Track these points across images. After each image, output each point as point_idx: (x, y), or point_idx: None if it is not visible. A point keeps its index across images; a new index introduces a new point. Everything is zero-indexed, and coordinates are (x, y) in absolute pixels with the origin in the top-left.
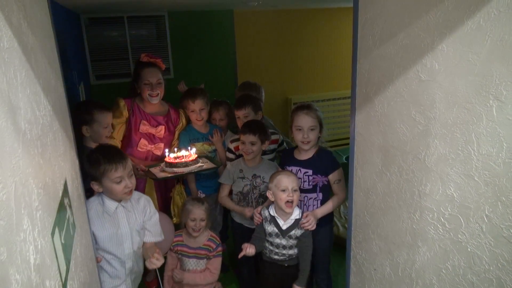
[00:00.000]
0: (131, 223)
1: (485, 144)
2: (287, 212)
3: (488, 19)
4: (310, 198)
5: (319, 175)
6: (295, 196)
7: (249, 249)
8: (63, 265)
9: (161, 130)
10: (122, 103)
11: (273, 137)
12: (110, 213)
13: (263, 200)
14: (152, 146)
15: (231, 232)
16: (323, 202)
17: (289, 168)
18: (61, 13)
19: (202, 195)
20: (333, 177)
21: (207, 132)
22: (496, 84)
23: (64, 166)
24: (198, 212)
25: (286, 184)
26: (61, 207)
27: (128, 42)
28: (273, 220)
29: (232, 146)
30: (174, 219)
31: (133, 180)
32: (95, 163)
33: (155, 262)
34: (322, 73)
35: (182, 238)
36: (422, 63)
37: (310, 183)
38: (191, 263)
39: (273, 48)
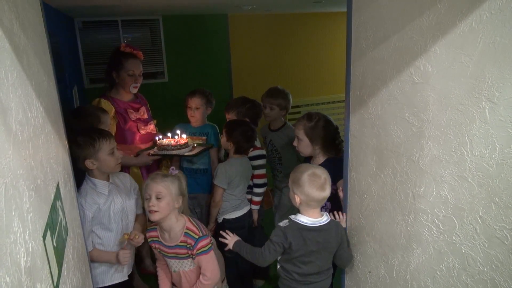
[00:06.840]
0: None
1: (478, 145)
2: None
3: (480, 22)
4: None
5: None
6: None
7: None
8: (55, 269)
9: (143, 112)
10: (104, 102)
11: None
12: (105, 193)
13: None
14: (147, 127)
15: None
16: (332, 211)
17: None
18: (55, 17)
19: (175, 172)
20: (340, 184)
21: (197, 126)
22: (489, 86)
23: (57, 168)
24: (154, 186)
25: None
26: (53, 210)
27: None
28: None
29: None
30: None
31: (119, 154)
32: (89, 141)
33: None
34: (316, 77)
35: (156, 233)
36: (415, 66)
37: None
38: (175, 264)
39: (267, 52)
